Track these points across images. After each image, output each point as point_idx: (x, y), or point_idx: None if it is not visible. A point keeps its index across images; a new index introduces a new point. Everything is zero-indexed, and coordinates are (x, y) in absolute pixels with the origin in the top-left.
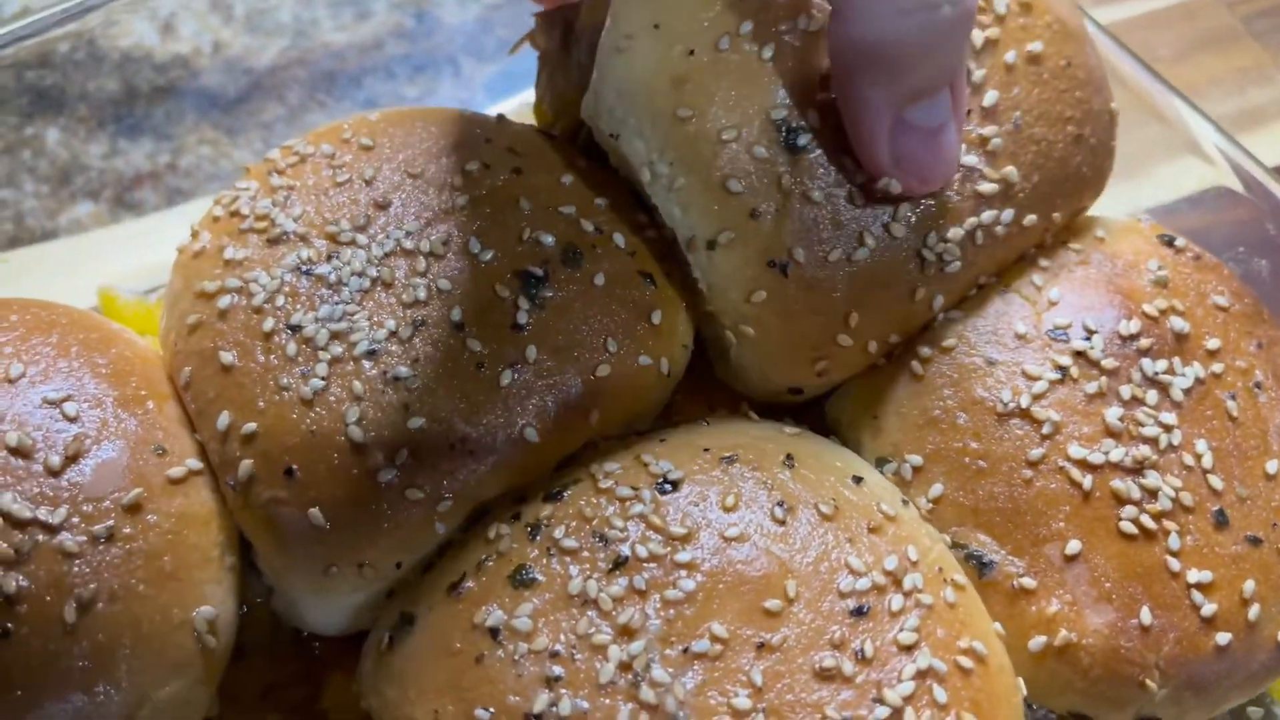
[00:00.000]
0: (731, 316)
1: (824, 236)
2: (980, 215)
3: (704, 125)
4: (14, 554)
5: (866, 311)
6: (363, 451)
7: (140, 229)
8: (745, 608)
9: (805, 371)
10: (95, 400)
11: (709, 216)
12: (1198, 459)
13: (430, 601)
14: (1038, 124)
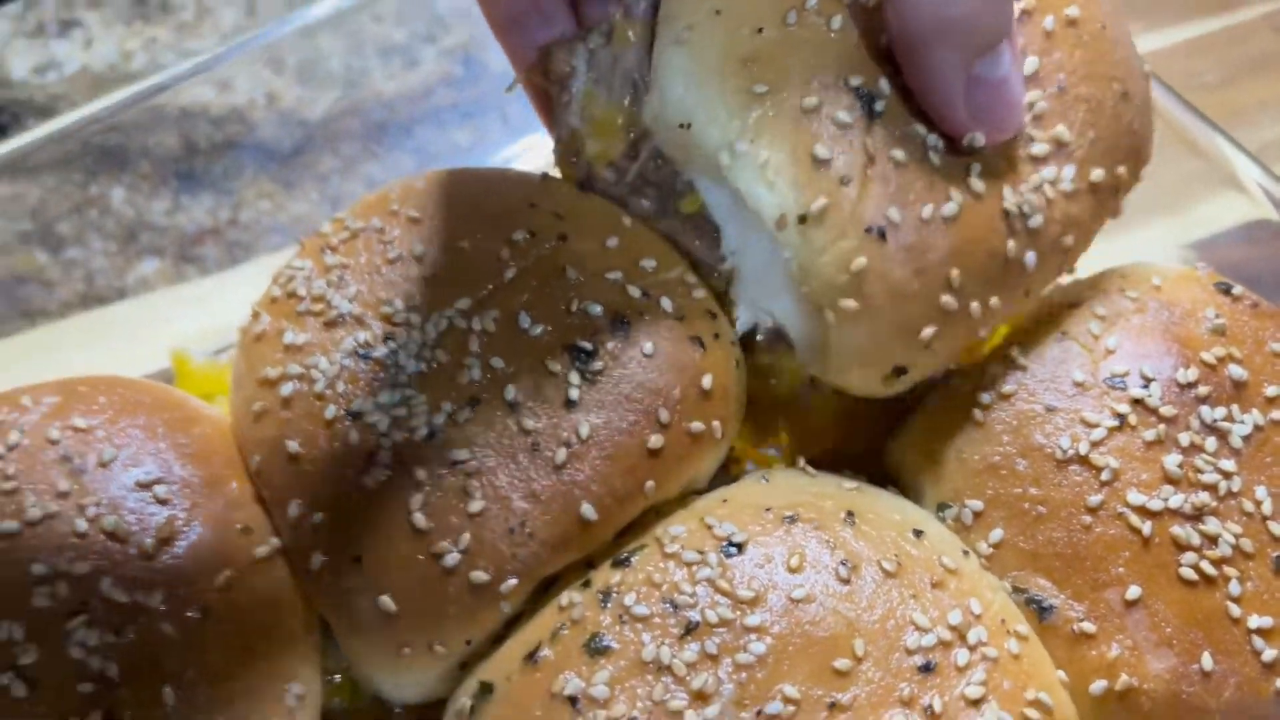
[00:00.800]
0: (830, 293)
1: (913, 197)
2: (1041, 172)
3: (782, 98)
4: (114, 637)
5: (966, 268)
6: (426, 537)
7: (205, 290)
8: (815, 668)
9: (912, 343)
10: (183, 482)
11: (798, 188)
12: (1257, 505)
13: (508, 670)
14: (1083, 84)
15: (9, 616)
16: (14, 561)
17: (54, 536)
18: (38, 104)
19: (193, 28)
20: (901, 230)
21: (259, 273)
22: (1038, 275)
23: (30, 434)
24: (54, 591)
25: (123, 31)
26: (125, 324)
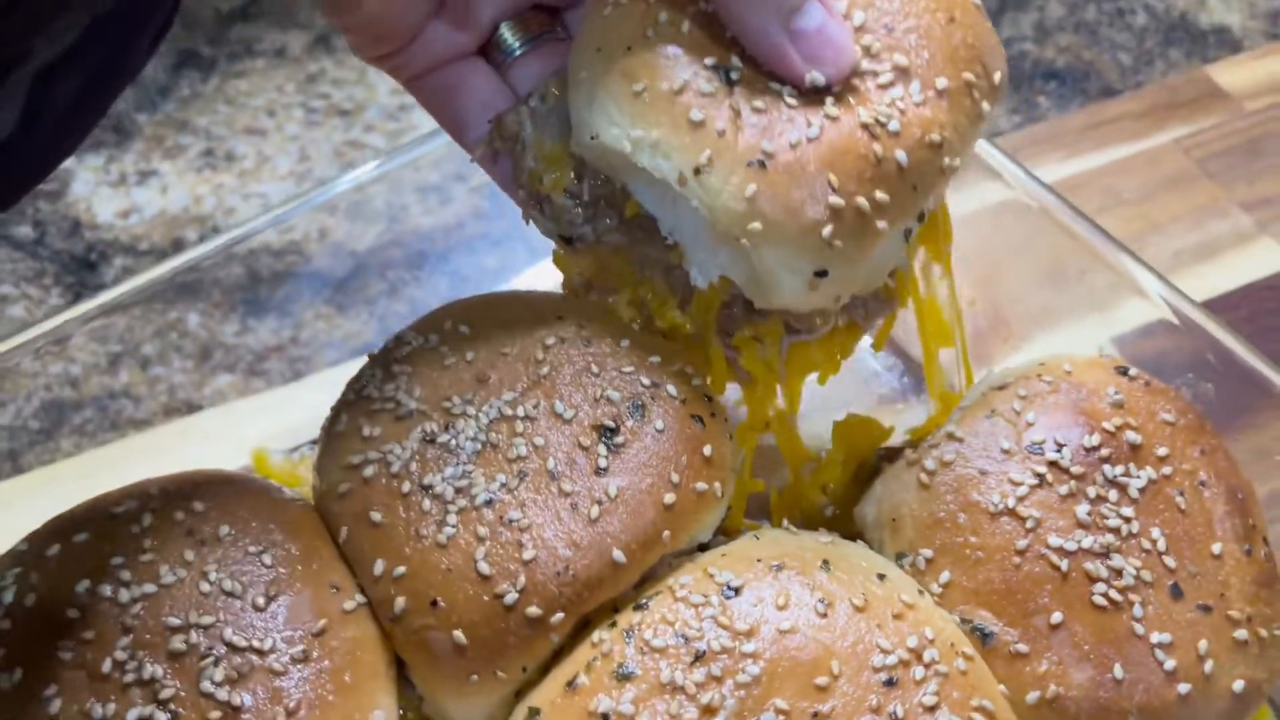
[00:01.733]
0: (738, 222)
1: (780, 130)
2: (890, 93)
3: (655, 88)
4: (237, 675)
5: (840, 171)
6: (489, 581)
7: (273, 399)
8: (800, 685)
9: (818, 243)
10: (284, 551)
11: (685, 149)
12: (1154, 543)
13: (551, 697)
14: (907, 20)
15: (152, 659)
16: (154, 615)
17: (184, 595)
18: (123, 243)
19: (253, 174)
20: (777, 157)
21: (320, 384)
22: (917, 169)
23: (158, 517)
24: (187, 639)
25: (193, 178)
26: (206, 430)
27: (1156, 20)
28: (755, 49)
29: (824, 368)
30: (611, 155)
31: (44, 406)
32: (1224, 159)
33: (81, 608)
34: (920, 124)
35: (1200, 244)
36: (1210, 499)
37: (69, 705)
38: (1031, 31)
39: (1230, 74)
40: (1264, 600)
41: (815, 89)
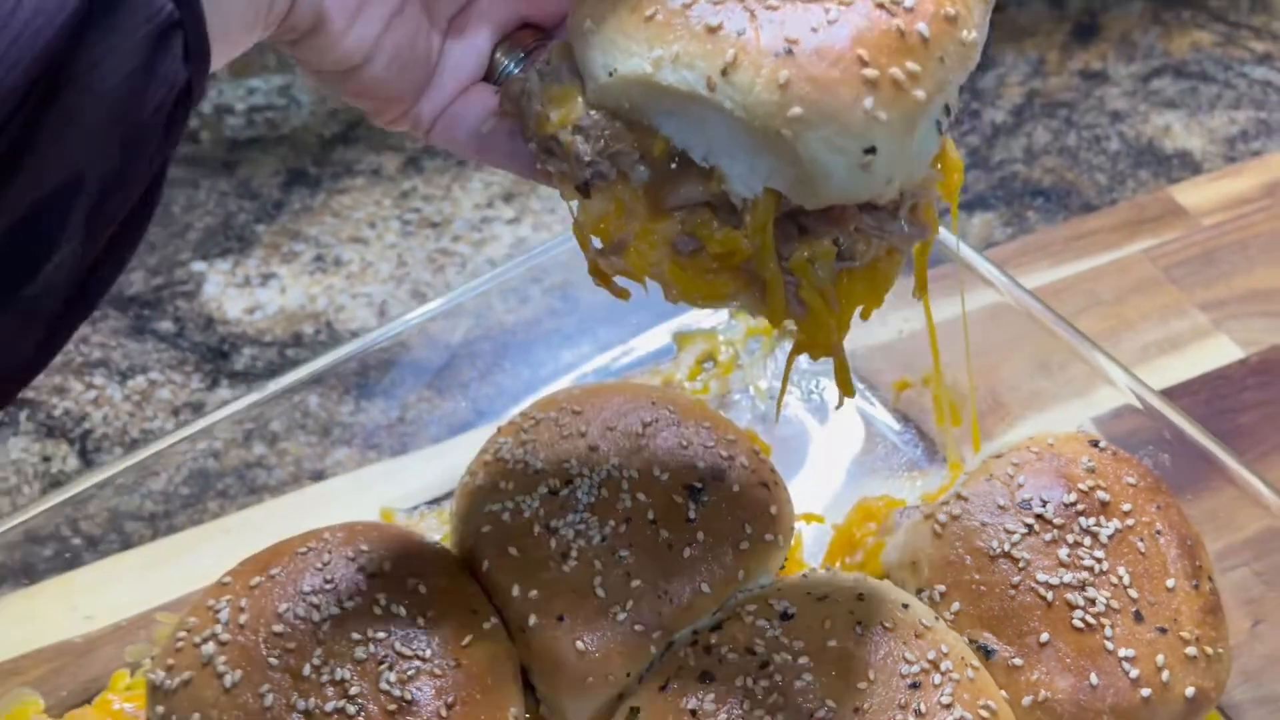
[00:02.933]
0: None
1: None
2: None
3: (666, 7)
4: (407, 676)
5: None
6: (604, 603)
7: (385, 469)
8: (845, 688)
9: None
10: (434, 582)
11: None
12: (1120, 579)
13: (648, 699)
14: None
15: (340, 664)
16: (341, 630)
17: (362, 615)
18: (249, 335)
19: (359, 276)
20: (801, 43)
21: (425, 456)
22: (939, 41)
23: (334, 554)
24: (367, 649)
25: (307, 280)
26: (331, 493)
27: (1128, 145)
28: None
29: (869, 299)
30: (632, 89)
31: (191, 475)
32: (1185, 267)
33: (284, 625)
34: (934, 2)
35: (1165, 339)
36: (1164, 544)
37: (278, 700)
38: (1021, 155)
39: (1189, 194)
40: (1209, 625)
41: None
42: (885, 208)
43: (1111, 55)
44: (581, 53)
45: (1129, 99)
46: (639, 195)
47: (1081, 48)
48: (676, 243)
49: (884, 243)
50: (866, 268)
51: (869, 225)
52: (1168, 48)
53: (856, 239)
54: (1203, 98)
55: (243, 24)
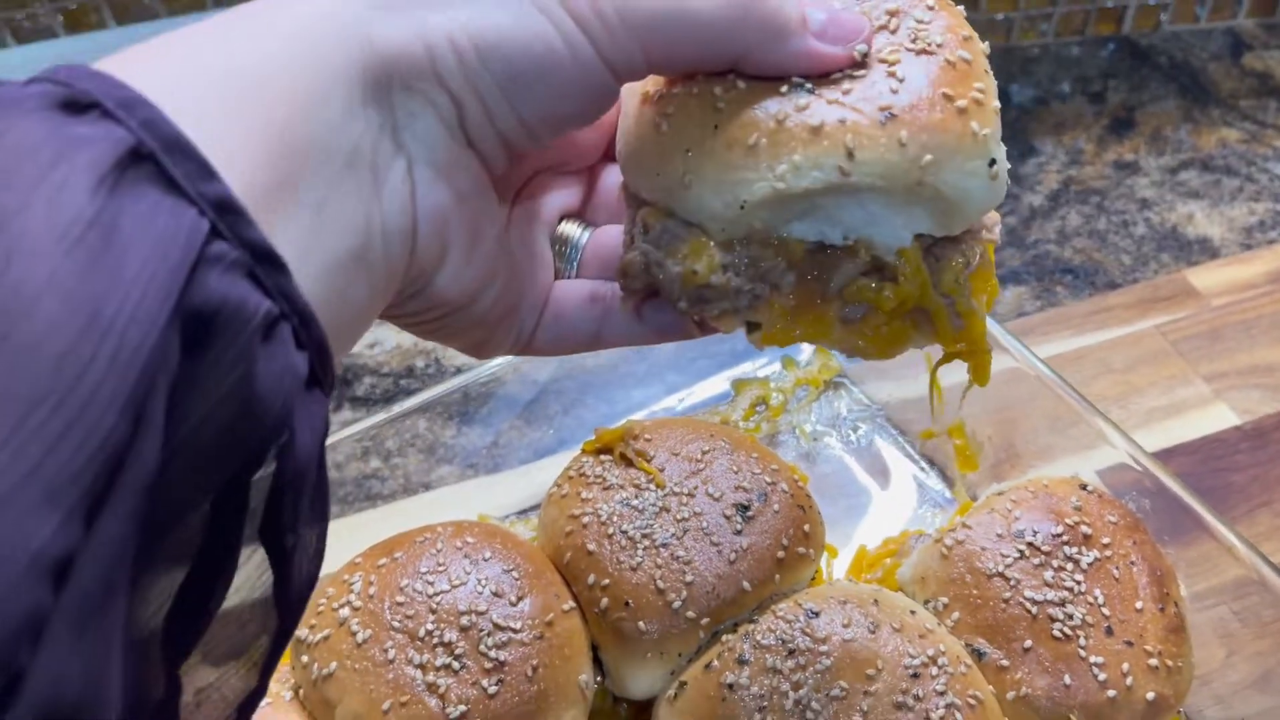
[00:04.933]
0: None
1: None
2: (904, 27)
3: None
4: (501, 643)
5: (943, 85)
6: (664, 593)
7: (481, 484)
8: (857, 674)
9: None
10: (525, 569)
11: (828, 150)
12: (1095, 600)
13: (695, 675)
14: None
15: (449, 629)
16: (450, 603)
17: (467, 592)
18: (370, 367)
19: None
20: (894, 106)
21: (514, 476)
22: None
23: (445, 544)
24: (470, 619)
25: None
26: (440, 502)
27: (1153, 230)
28: (802, 68)
29: (990, 291)
30: (762, 211)
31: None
32: (1192, 341)
33: (405, 596)
34: (948, 30)
35: (1170, 404)
36: (1137, 573)
37: (399, 654)
38: (1054, 236)
39: (1202, 277)
40: (1171, 642)
41: (863, 58)
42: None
43: (1144, 148)
44: (691, 205)
45: (1157, 188)
46: (799, 297)
47: (1117, 140)
48: (845, 315)
49: (982, 240)
50: (980, 266)
51: (973, 230)
52: (1197, 143)
53: (972, 245)
54: (1225, 189)
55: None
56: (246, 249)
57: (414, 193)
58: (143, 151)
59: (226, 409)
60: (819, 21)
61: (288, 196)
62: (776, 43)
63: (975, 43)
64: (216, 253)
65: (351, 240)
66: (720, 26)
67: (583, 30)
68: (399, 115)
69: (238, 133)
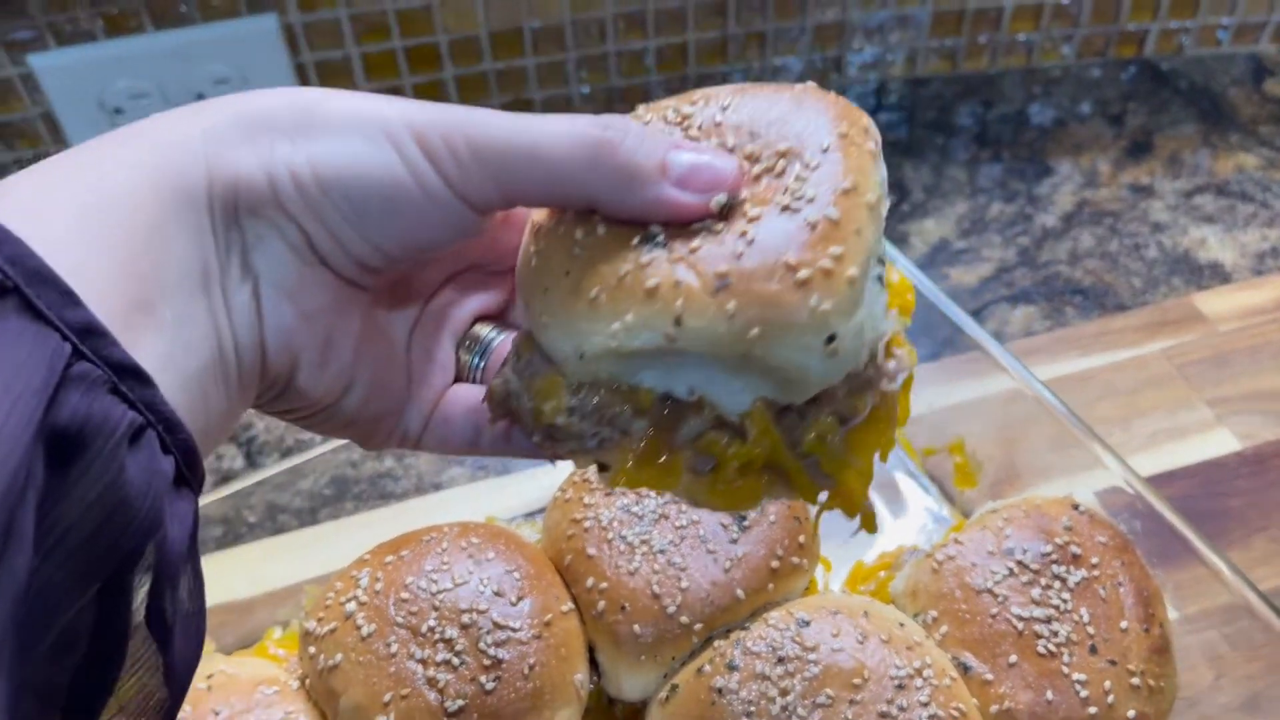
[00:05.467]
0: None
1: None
2: (788, 175)
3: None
4: (500, 641)
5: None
6: (659, 598)
7: (490, 485)
8: (844, 683)
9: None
10: (526, 570)
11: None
12: (1081, 618)
13: (687, 679)
14: (763, 121)
15: (450, 626)
16: (452, 601)
17: (469, 591)
18: None
19: None
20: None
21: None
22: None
23: (450, 544)
24: (471, 617)
25: None
26: (450, 503)
27: (1165, 254)
28: (658, 216)
29: (882, 444)
30: (606, 361)
31: (333, 480)
32: (1197, 366)
33: (410, 593)
34: (828, 180)
35: (1172, 428)
36: (1123, 593)
37: (401, 648)
38: (1066, 257)
39: (1210, 302)
40: (1155, 662)
41: (729, 209)
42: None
43: (1160, 172)
44: (548, 344)
45: (1171, 212)
46: (647, 445)
47: (1133, 163)
48: (695, 465)
49: (874, 392)
50: (869, 417)
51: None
52: (1214, 167)
53: (849, 401)
54: (1239, 215)
55: (232, 397)
56: (110, 367)
57: (260, 310)
58: (6, 285)
59: (96, 514)
60: (679, 168)
61: (147, 316)
62: (627, 191)
63: (855, 195)
64: (79, 373)
65: (206, 354)
66: (569, 170)
67: (432, 164)
68: (249, 238)
69: (96, 260)
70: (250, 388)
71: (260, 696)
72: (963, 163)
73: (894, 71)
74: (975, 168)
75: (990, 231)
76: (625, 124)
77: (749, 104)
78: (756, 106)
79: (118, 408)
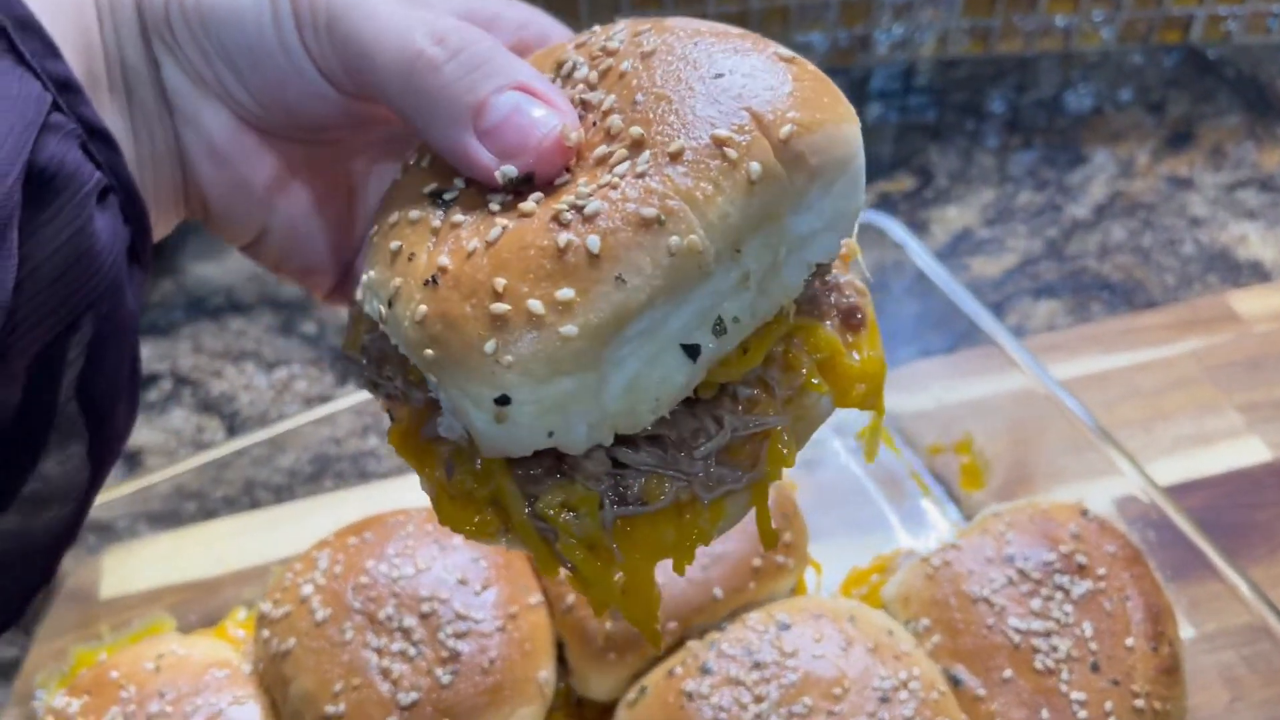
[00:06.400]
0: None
1: (464, 241)
2: (615, 170)
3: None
4: (460, 633)
5: (511, 273)
6: None
7: None
8: (823, 693)
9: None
10: (494, 558)
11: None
12: (1083, 633)
13: (657, 681)
14: (661, 87)
15: (409, 614)
16: (412, 588)
17: (432, 578)
18: None
19: None
20: (449, 270)
21: None
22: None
23: (416, 527)
24: (431, 605)
25: None
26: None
27: (1201, 250)
28: (451, 162)
29: (676, 553)
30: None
31: (315, 457)
32: (1228, 369)
33: (369, 577)
34: (632, 199)
35: (1198, 434)
36: (1131, 608)
37: (357, 636)
38: (1095, 250)
39: (1246, 302)
40: (1161, 684)
41: (529, 189)
42: (681, 442)
43: (1200, 163)
44: None
45: (1210, 206)
46: (408, 420)
47: (1173, 154)
48: (444, 465)
49: (681, 487)
50: (667, 512)
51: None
52: (1259, 160)
53: (640, 479)
54: None
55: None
56: (81, 124)
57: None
58: None
59: (63, 258)
60: (497, 117)
61: (104, 92)
62: (432, 122)
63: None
64: (56, 122)
65: (145, 145)
66: (388, 78)
67: (298, 29)
68: (157, 54)
69: (62, 28)
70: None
71: (209, 680)
72: (992, 149)
73: (924, 52)
74: (1005, 154)
75: (1016, 221)
76: (464, 43)
77: (672, 62)
78: (672, 70)
79: (87, 165)
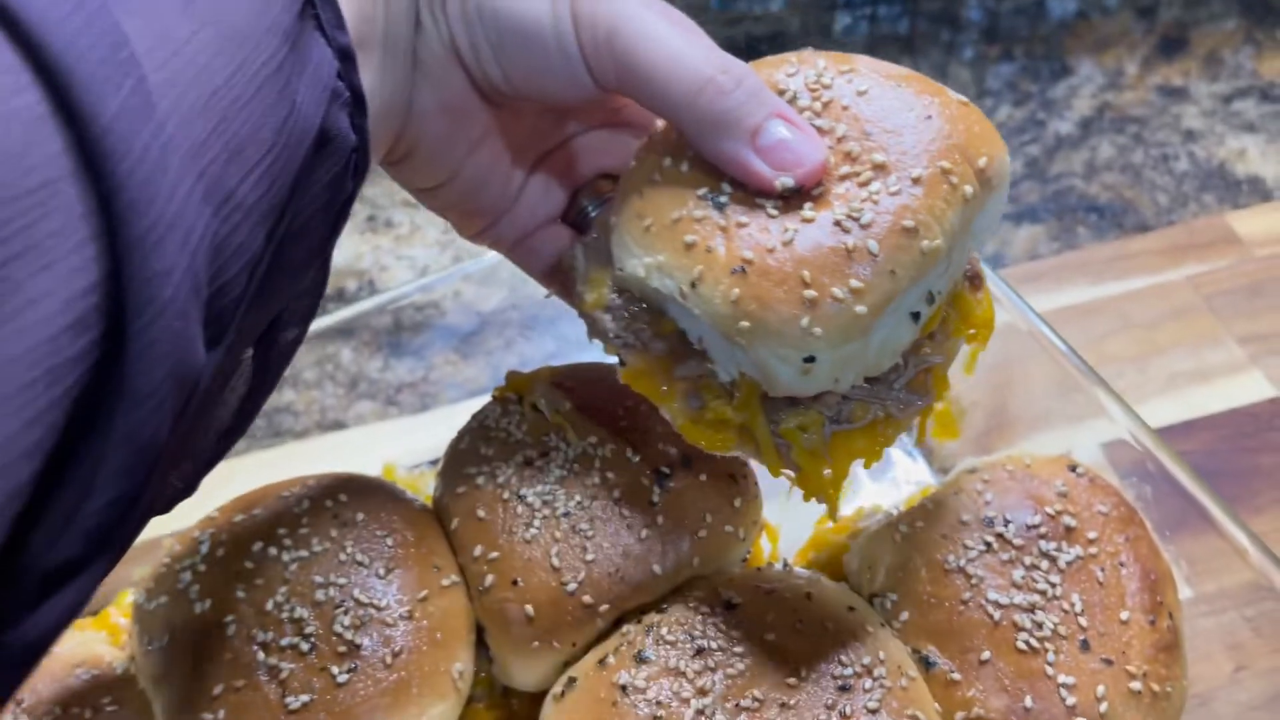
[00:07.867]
0: (729, 324)
1: (760, 239)
2: (870, 188)
3: (659, 221)
4: (360, 622)
5: (814, 267)
6: (558, 571)
7: (403, 425)
8: (775, 681)
9: (799, 333)
10: (402, 536)
11: (684, 267)
12: (1072, 606)
13: (586, 670)
14: (885, 123)
15: (301, 603)
16: (305, 572)
17: (328, 561)
18: None
19: (406, 239)
20: (755, 263)
21: (442, 416)
22: (891, 255)
23: (312, 502)
24: (326, 592)
25: (357, 239)
26: (348, 445)
27: (1197, 166)
28: (730, 171)
29: (867, 455)
30: (639, 282)
31: None
32: (1228, 296)
33: (255, 561)
34: (893, 212)
35: (1196, 369)
36: (1126, 577)
37: (241, 629)
38: (1081, 169)
39: (1247, 222)
40: (1160, 662)
41: (796, 196)
42: (883, 377)
43: (1195, 72)
44: (610, 243)
45: (1206, 119)
46: (658, 363)
47: (1165, 62)
48: (689, 399)
49: (879, 409)
50: (866, 427)
51: (861, 394)
52: (1258, 69)
53: (852, 405)
54: None
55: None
56: (352, 93)
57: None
58: None
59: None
60: (772, 138)
61: (366, 54)
62: (713, 136)
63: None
64: (337, 90)
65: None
66: (675, 95)
67: (575, 30)
68: (424, 20)
69: None
70: (385, 144)
71: (74, 682)
72: (968, 61)
73: None
74: (982, 66)
75: None
76: (743, 75)
77: (884, 100)
78: (888, 107)
79: (350, 132)
